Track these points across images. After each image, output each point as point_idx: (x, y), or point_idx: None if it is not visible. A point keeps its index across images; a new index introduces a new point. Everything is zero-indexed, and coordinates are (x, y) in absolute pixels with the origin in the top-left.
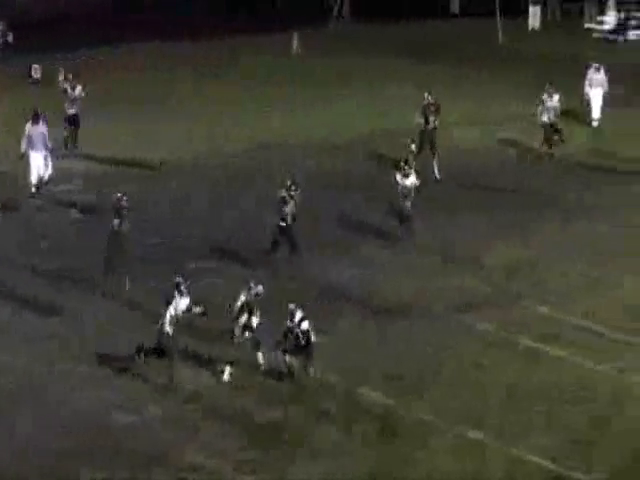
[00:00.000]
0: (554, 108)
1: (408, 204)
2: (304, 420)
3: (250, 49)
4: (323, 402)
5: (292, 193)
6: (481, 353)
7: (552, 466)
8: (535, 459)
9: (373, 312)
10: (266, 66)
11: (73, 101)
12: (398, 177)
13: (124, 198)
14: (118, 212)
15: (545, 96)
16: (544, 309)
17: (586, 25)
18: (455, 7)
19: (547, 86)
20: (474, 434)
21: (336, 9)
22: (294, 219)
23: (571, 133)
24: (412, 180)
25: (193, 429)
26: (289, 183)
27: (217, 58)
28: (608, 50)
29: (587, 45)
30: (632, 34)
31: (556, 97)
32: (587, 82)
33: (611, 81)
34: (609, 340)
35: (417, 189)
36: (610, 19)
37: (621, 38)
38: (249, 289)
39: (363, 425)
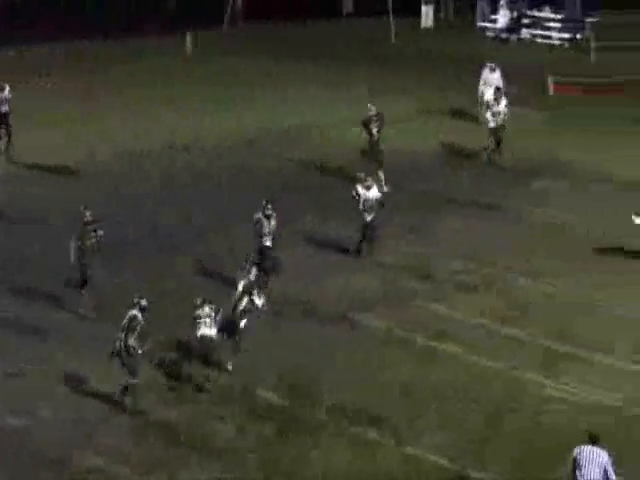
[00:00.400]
0: (501, 112)
1: (372, 216)
2: (200, 420)
3: (144, 50)
4: (219, 402)
5: (268, 213)
6: (377, 352)
7: (448, 464)
8: (431, 457)
9: (269, 312)
10: (160, 67)
11: (1, 102)
12: (360, 189)
13: (87, 213)
14: (82, 230)
15: (491, 101)
16: (439, 307)
17: (479, 24)
18: (349, 7)
19: (494, 90)
20: (370, 433)
21: (229, 10)
22: (274, 239)
23: (469, 133)
24: (375, 192)
25: (91, 431)
26: (264, 203)
27: (111, 58)
28: (501, 49)
29: (480, 44)
30: (525, 33)
31: (503, 101)
32: (482, 82)
33: (506, 80)
34: (502, 337)
35: (381, 203)
36: (503, 18)
37: (514, 37)
38: (244, 272)
39: (258, 425)
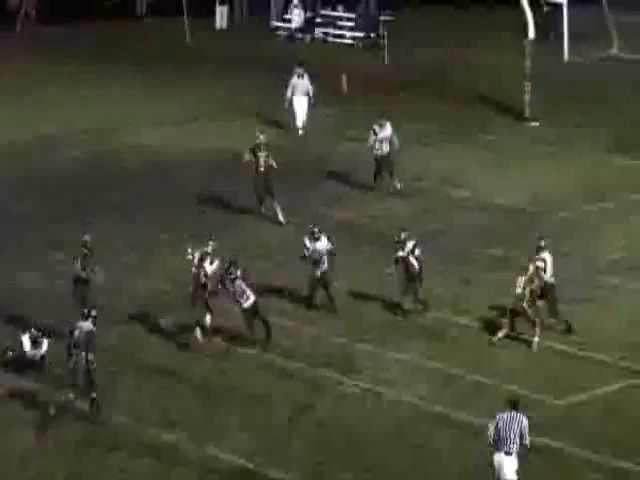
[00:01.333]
0: (387, 138)
1: (324, 267)
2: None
3: None
4: (16, 408)
5: (239, 273)
6: (171, 355)
7: (247, 464)
8: (229, 458)
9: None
10: None
11: None
12: (307, 242)
13: (86, 237)
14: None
15: (376, 127)
16: (237, 308)
17: (273, 24)
18: (142, 7)
19: (377, 118)
20: (167, 436)
21: (22, 10)
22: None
23: (276, 139)
24: (323, 244)
25: None
26: (229, 264)
27: None
28: (295, 49)
29: (274, 45)
30: (318, 32)
31: (389, 126)
32: (290, 89)
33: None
34: (300, 336)
35: (332, 253)
36: (296, 17)
37: (307, 36)
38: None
39: (57, 430)
